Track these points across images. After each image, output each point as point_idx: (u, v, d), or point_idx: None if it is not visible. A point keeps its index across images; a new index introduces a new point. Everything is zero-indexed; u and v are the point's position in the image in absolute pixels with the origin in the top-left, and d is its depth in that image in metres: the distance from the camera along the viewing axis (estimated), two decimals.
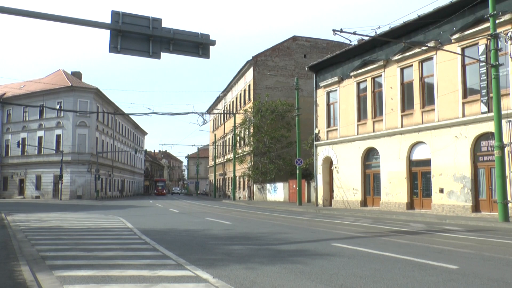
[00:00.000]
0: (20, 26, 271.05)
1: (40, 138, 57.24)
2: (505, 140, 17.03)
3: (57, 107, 53.72)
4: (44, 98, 56.39)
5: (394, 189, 23.90)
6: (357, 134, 26.98)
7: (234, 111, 56.90)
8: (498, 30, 17.08)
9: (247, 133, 50.04)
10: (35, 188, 56.86)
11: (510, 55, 17.60)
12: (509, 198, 16.72)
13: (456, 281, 6.28)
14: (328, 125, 30.17)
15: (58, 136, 55.90)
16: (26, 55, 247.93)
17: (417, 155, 22.96)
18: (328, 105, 30.32)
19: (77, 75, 63.63)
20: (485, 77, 18.09)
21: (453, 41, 20.53)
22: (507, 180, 16.88)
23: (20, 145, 58.23)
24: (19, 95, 58.06)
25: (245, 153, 50.54)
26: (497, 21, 17.29)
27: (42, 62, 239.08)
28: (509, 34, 16.89)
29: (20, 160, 58.56)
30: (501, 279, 6.41)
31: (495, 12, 16.62)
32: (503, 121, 16.95)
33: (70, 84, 55.43)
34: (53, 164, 54.87)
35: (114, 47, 11.84)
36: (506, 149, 17.00)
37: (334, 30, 16.55)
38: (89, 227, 15.38)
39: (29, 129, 58.36)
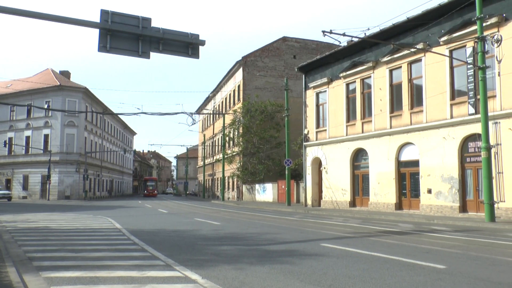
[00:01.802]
0: (7, 24, 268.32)
1: (27, 137, 56.70)
2: (492, 141, 17.22)
3: (45, 106, 53.25)
4: (32, 97, 55.87)
5: (383, 190, 24.05)
6: (346, 135, 27.09)
7: (224, 112, 56.83)
8: (485, 33, 17.27)
9: (236, 133, 50.03)
10: (22, 188, 56.28)
11: (497, 57, 17.80)
12: (495, 199, 16.90)
13: (443, 281, 6.35)
14: (317, 126, 30.26)
15: (46, 136, 55.41)
16: (13, 53, 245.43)
17: (405, 156, 23.12)
18: (318, 106, 30.41)
19: (65, 74, 63.12)
20: (472, 79, 18.27)
21: (441, 43, 20.72)
22: (494, 181, 17.08)
23: (7, 145, 57.56)
24: (6, 94, 57.39)
25: (234, 153, 50.52)
26: (484, 24, 17.49)
27: (30, 61, 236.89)
28: (495, 37, 17.09)
29: (7, 160, 57.90)
30: (487, 278, 6.49)
31: (482, 15, 16.81)
32: (490, 123, 17.15)
33: (59, 83, 54.99)
34: (41, 164, 54.38)
35: (103, 46, 11.76)
36: (493, 151, 17.20)
37: (323, 31, 16.63)
38: (77, 227, 15.28)
39: (16, 129, 57.75)
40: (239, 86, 50.41)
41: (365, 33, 19.36)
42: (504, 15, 18.01)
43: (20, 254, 8.81)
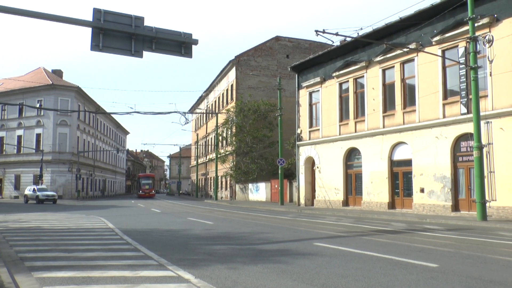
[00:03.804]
0: None
1: (19, 137, 56.28)
2: (484, 141, 17.33)
3: (37, 105, 52.89)
4: (23, 96, 55.41)
5: (376, 189, 24.13)
6: (339, 134, 27.15)
7: (217, 111, 56.77)
8: (477, 33, 17.39)
9: (229, 133, 50.00)
10: (14, 188, 55.87)
11: (488, 57, 17.92)
12: (487, 198, 17.01)
13: (436, 279, 6.38)
14: (310, 125, 30.31)
15: (38, 135, 55.04)
16: (5, 52, 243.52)
17: (398, 155, 23.22)
18: (311, 105, 30.46)
19: (58, 73, 62.71)
20: (464, 79, 18.38)
21: (433, 43, 20.83)
22: (485, 180, 17.19)
23: None
24: None
25: (227, 153, 50.49)
26: (476, 24, 17.61)
27: (21, 60, 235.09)
28: (487, 37, 17.20)
29: None
30: (479, 277, 6.53)
31: (474, 15, 16.91)
32: (482, 122, 17.26)
33: (51, 82, 54.63)
34: (33, 164, 53.99)
35: (96, 45, 11.71)
36: (485, 150, 17.31)
37: (316, 31, 16.65)
38: (69, 227, 15.20)
39: (7, 128, 57.31)
40: (232, 85, 50.38)
41: (358, 33, 19.42)
42: (495, 15, 18.14)
43: (11, 254, 8.75)
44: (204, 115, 65.87)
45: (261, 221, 17.71)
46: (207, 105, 66.61)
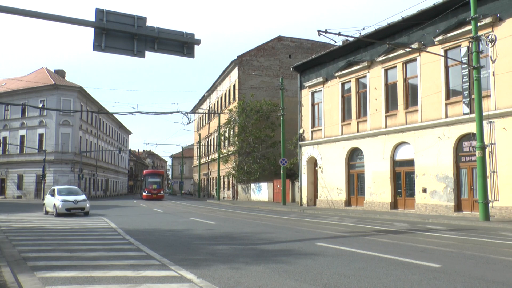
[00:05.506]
0: (1, 23, 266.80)
1: (22, 137, 56.37)
2: (486, 141, 17.29)
3: (40, 105, 52.95)
4: (26, 96, 55.55)
5: (378, 189, 24.10)
6: (342, 134, 27.13)
7: (219, 111, 56.78)
8: (480, 33, 17.35)
9: (231, 133, 49.99)
10: (16, 188, 55.99)
11: (491, 57, 17.88)
12: (489, 198, 16.98)
13: (438, 279, 6.37)
14: (313, 125, 30.29)
15: (40, 135, 55.13)
16: (7, 52, 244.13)
17: (400, 155, 23.18)
18: (313, 105, 30.44)
19: (60, 73, 62.78)
20: (467, 79, 18.37)
21: (436, 43, 20.79)
22: (488, 180, 17.15)
23: (1, 144, 57.22)
24: (0, 93, 57.04)
25: (229, 153, 50.48)
26: (479, 24, 17.57)
27: (24, 60, 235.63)
28: (489, 37, 17.19)
29: (1, 159, 57.56)
30: (481, 277, 6.52)
31: (477, 15, 16.87)
32: (484, 122, 17.21)
33: (54, 83, 54.71)
34: (35, 164, 54.09)
35: (98, 45, 11.72)
36: (487, 150, 17.27)
37: (319, 31, 16.64)
38: (72, 227, 15.23)
39: (10, 128, 57.42)
40: (234, 85, 50.38)
41: (360, 33, 19.36)
42: (498, 15, 18.09)
43: (14, 254, 8.78)
44: (207, 115, 65.86)
45: (263, 221, 17.71)
46: (209, 105, 66.63)
